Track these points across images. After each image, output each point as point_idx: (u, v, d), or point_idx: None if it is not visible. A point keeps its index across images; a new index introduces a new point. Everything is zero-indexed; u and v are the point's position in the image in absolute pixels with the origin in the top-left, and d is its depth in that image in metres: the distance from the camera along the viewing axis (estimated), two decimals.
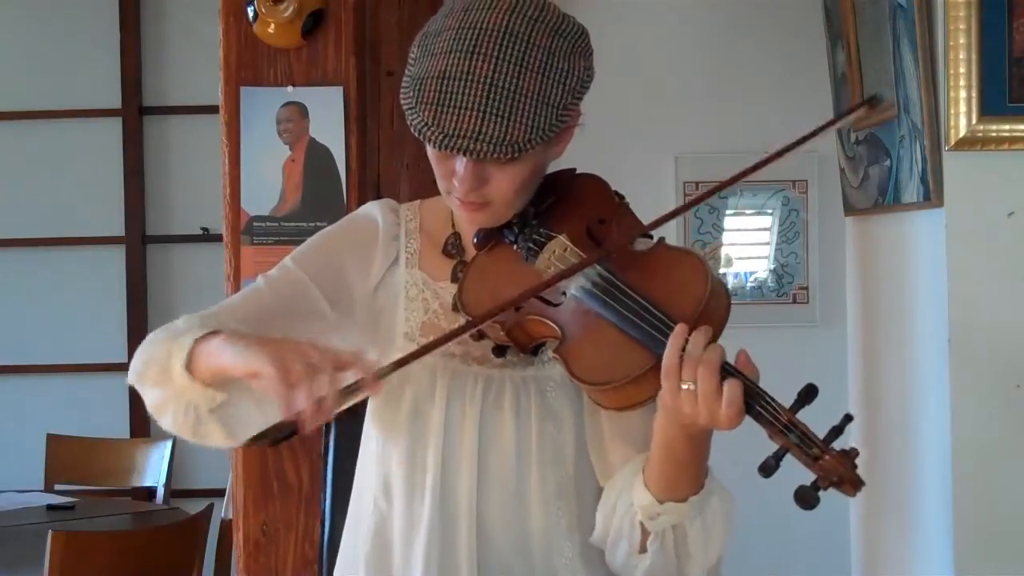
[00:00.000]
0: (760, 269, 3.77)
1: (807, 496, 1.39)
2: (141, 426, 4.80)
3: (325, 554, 2.10)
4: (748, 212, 3.79)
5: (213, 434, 1.57)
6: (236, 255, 3.23)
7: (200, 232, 4.86)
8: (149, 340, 1.62)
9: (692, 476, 1.53)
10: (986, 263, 2.48)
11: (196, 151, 4.86)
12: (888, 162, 2.84)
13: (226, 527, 3.56)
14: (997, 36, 2.39)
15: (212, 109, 3.52)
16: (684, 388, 1.43)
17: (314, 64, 3.20)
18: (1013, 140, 2.42)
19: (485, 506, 1.65)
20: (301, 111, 3.21)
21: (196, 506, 3.45)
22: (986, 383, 2.48)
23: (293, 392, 1.38)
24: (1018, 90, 2.40)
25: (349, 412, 1.85)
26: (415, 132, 1.55)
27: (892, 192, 2.83)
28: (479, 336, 1.66)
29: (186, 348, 1.52)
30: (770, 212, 3.76)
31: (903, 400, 2.93)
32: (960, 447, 2.48)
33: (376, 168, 3.68)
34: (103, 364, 4.93)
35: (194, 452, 3.83)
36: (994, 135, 2.42)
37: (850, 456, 1.39)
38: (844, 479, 1.39)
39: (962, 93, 2.41)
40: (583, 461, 1.66)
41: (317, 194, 3.21)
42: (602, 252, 1.57)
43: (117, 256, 4.97)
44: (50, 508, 4.01)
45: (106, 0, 4.93)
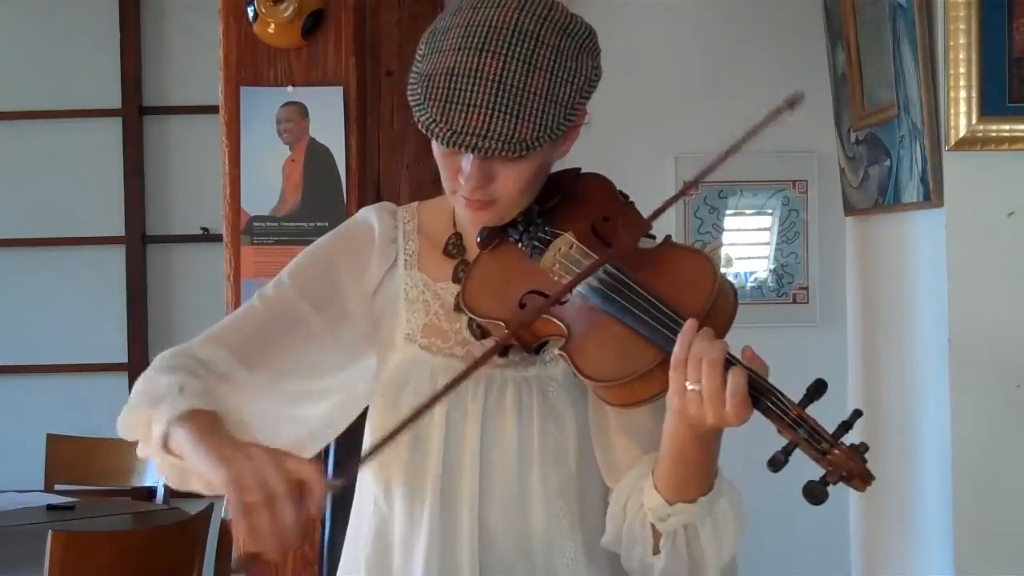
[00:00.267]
0: (760, 269, 3.77)
1: (816, 491, 1.38)
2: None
3: (325, 554, 2.10)
4: (748, 212, 3.79)
5: (198, 486, 1.60)
6: (236, 255, 3.23)
7: (200, 232, 4.86)
8: (134, 397, 1.64)
9: (702, 476, 1.53)
10: (986, 263, 2.48)
11: (196, 151, 4.85)
12: (888, 162, 2.84)
13: (226, 527, 3.56)
14: (997, 36, 2.39)
15: (212, 109, 3.52)
16: (690, 389, 1.43)
17: (314, 64, 3.20)
18: (1013, 140, 2.42)
19: (487, 506, 1.64)
20: (301, 111, 3.21)
21: (196, 506, 3.44)
22: (986, 383, 2.48)
23: (250, 517, 1.39)
24: (1018, 90, 2.40)
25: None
26: (422, 128, 1.55)
27: (892, 192, 2.83)
28: (482, 335, 1.66)
29: (159, 431, 1.56)
30: (770, 212, 3.76)
31: (903, 400, 2.93)
32: (960, 447, 2.48)
33: (376, 168, 3.68)
34: (103, 364, 4.92)
35: None
36: (994, 135, 2.42)
37: (859, 450, 1.39)
38: (854, 473, 1.38)
39: (962, 93, 2.41)
40: (585, 461, 1.66)
41: (317, 194, 3.21)
42: (616, 250, 1.56)
43: (117, 256, 4.96)
44: (50, 508, 4.00)
45: (106, 0, 4.92)
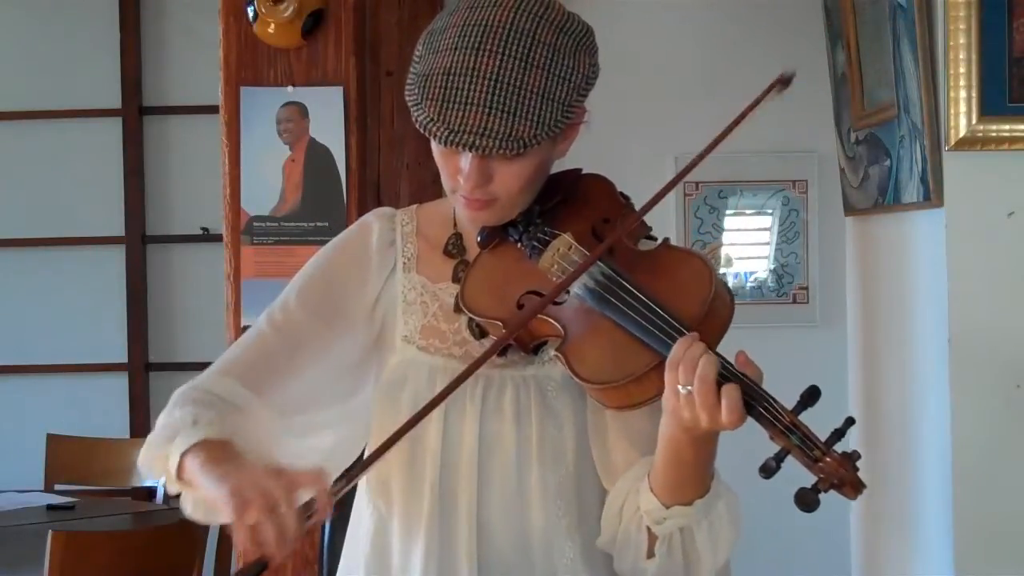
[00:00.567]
0: (760, 269, 3.77)
1: (807, 498, 1.38)
2: (141, 426, 4.80)
3: (325, 554, 2.10)
4: (748, 212, 3.79)
5: (225, 518, 1.59)
6: (236, 255, 3.23)
7: (200, 232, 4.86)
8: (153, 435, 1.68)
9: (698, 479, 1.53)
10: (986, 263, 2.48)
11: (196, 151, 4.85)
12: (888, 162, 2.84)
13: (226, 527, 3.55)
14: (997, 36, 2.39)
15: (212, 109, 3.52)
16: (682, 392, 1.43)
17: (314, 64, 3.20)
18: (1013, 140, 2.42)
19: (485, 507, 1.64)
20: (301, 111, 3.21)
21: None
22: (986, 383, 2.48)
23: (252, 529, 1.44)
24: (1018, 90, 2.40)
25: None
26: (420, 128, 1.55)
27: (892, 192, 2.82)
28: (481, 334, 1.66)
29: (173, 464, 1.59)
30: (770, 212, 3.76)
31: (903, 400, 2.93)
32: (960, 447, 2.48)
33: (376, 168, 3.68)
34: (103, 364, 4.92)
35: None
36: (994, 135, 2.42)
37: (851, 458, 1.39)
38: (845, 481, 1.39)
39: (962, 93, 2.41)
40: (584, 461, 1.65)
41: (317, 194, 3.21)
42: (606, 244, 1.56)
43: (117, 256, 4.96)
44: (50, 508, 4.00)
45: (106, 0, 4.92)
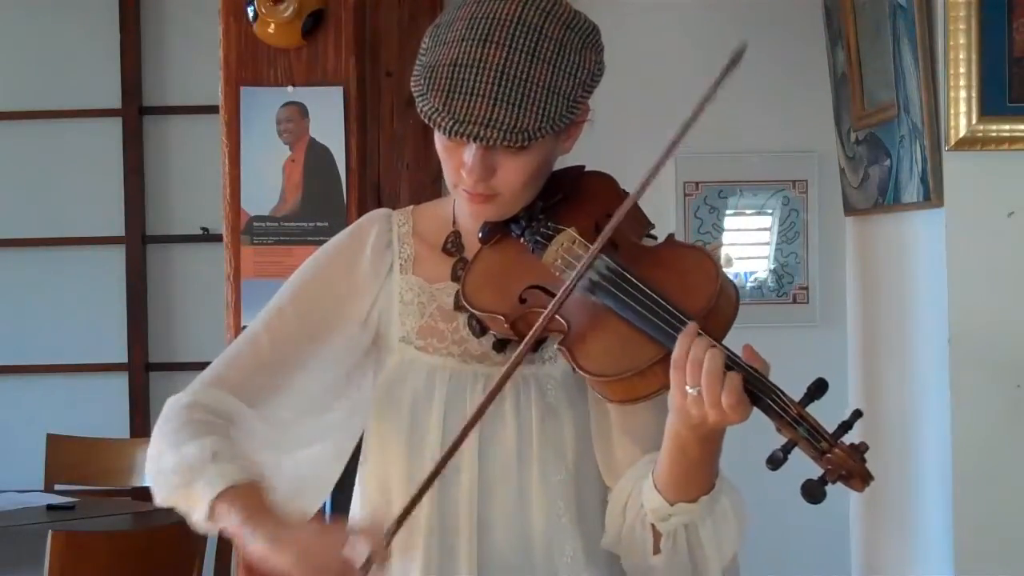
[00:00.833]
0: (760, 269, 3.77)
1: (814, 490, 1.38)
2: (141, 426, 4.79)
3: None
4: (748, 212, 3.79)
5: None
6: (236, 255, 3.23)
7: (200, 232, 4.86)
8: (164, 469, 1.61)
9: (703, 476, 1.53)
10: (986, 263, 2.48)
11: (196, 151, 4.85)
12: (888, 162, 2.84)
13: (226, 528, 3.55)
14: (997, 36, 2.39)
15: (212, 109, 3.52)
16: (690, 392, 1.43)
17: (314, 64, 3.21)
18: (1013, 140, 2.42)
19: (486, 506, 1.64)
20: (301, 111, 3.21)
21: None
22: (986, 383, 2.48)
23: None
24: (1018, 90, 2.40)
25: None
26: (425, 119, 1.55)
27: (892, 192, 2.83)
28: (482, 331, 1.66)
29: (204, 512, 1.55)
30: (770, 212, 3.76)
31: (903, 400, 2.93)
32: (960, 447, 2.48)
33: (376, 168, 3.68)
34: (103, 364, 4.92)
35: None
36: (994, 135, 2.42)
37: (859, 450, 1.39)
38: (853, 472, 1.38)
39: (962, 93, 2.41)
40: (584, 460, 1.65)
41: (317, 194, 3.21)
42: (610, 229, 1.55)
43: (117, 256, 4.96)
44: (50, 508, 3.99)
45: (106, 0, 4.92)
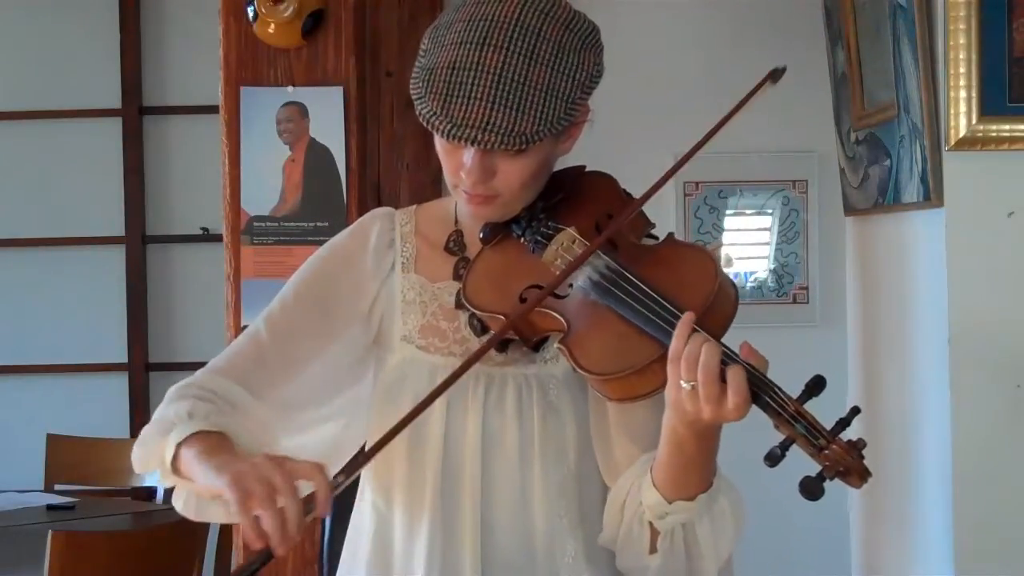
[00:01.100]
0: (760, 269, 3.77)
1: (812, 487, 1.38)
2: (141, 426, 4.74)
3: (325, 554, 2.10)
4: (748, 212, 3.79)
5: (215, 515, 1.61)
6: (236, 255, 3.23)
7: (200, 232, 4.86)
8: (145, 431, 1.67)
9: (701, 474, 1.53)
10: (986, 263, 2.48)
11: (196, 151, 4.85)
12: (888, 162, 2.84)
13: (226, 527, 3.56)
14: (997, 36, 2.39)
15: (212, 109, 3.52)
16: (684, 387, 1.43)
17: (314, 64, 3.20)
18: (1013, 140, 2.42)
19: (488, 505, 1.64)
20: (301, 111, 3.21)
21: None
22: (986, 383, 2.48)
23: (256, 517, 1.41)
24: (1018, 90, 2.40)
25: None
26: (423, 122, 1.55)
27: (892, 192, 2.82)
28: (483, 330, 1.66)
29: (169, 455, 1.58)
30: (770, 212, 3.76)
31: (903, 400, 2.93)
32: (960, 447, 2.48)
33: (376, 168, 3.68)
34: (103, 364, 4.92)
35: None
36: (994, 135, 2.42)
37: (857, 447, 1.39)
38: (851, 469, 1.39)
39: (962, 93, 2.41)
40: (586, 459, 1.66)
41: (317, 194, 3.21)
42: (608, 232, 1.56)
43: (117, 256, 4.96)
44: (50, 508, 3.99)
45: (106, 0, 4.92)
